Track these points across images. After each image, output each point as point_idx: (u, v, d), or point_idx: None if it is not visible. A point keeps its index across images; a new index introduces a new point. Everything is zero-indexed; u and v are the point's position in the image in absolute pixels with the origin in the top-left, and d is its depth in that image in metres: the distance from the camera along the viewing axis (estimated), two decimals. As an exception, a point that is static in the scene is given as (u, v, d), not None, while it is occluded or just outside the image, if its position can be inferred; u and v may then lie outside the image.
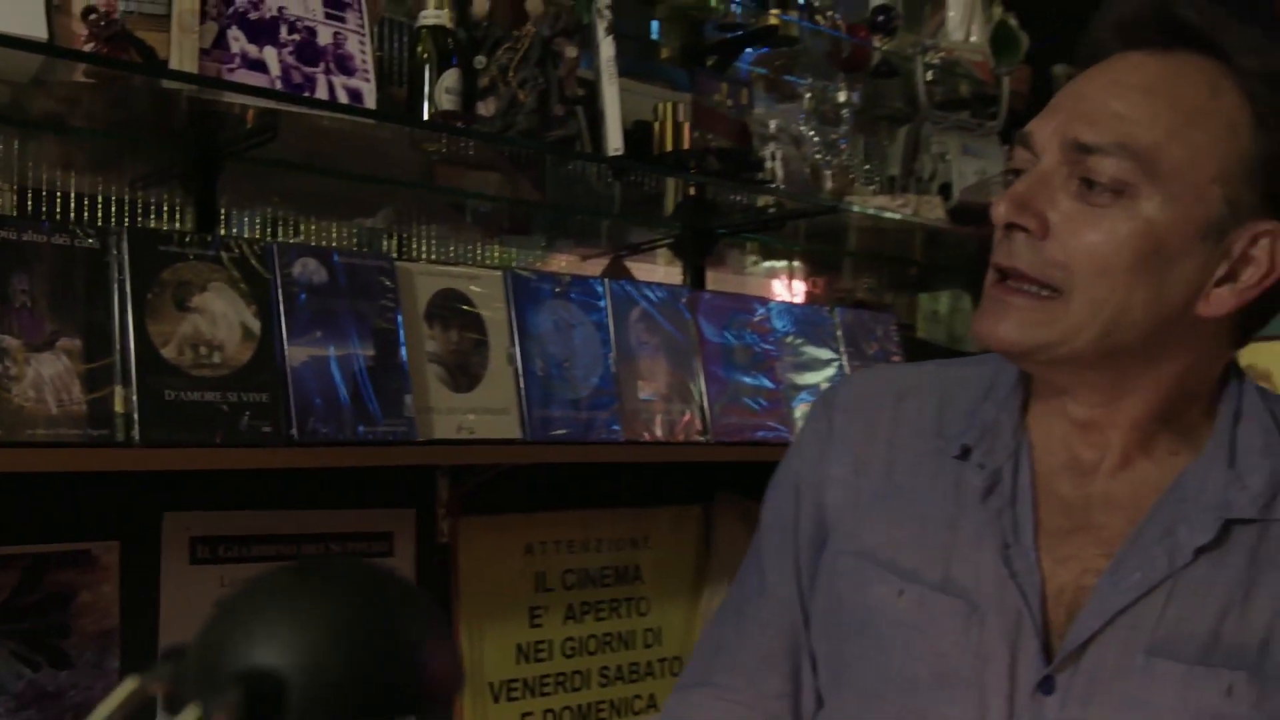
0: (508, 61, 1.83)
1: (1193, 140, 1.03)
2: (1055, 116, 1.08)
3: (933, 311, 2.85)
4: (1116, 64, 1.08)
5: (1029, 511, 1.11)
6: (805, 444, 1.29)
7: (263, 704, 0.48)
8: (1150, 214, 1.02)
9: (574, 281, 1.97)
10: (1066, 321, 1.05)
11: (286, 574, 0.53)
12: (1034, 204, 1.05)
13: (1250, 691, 1.02)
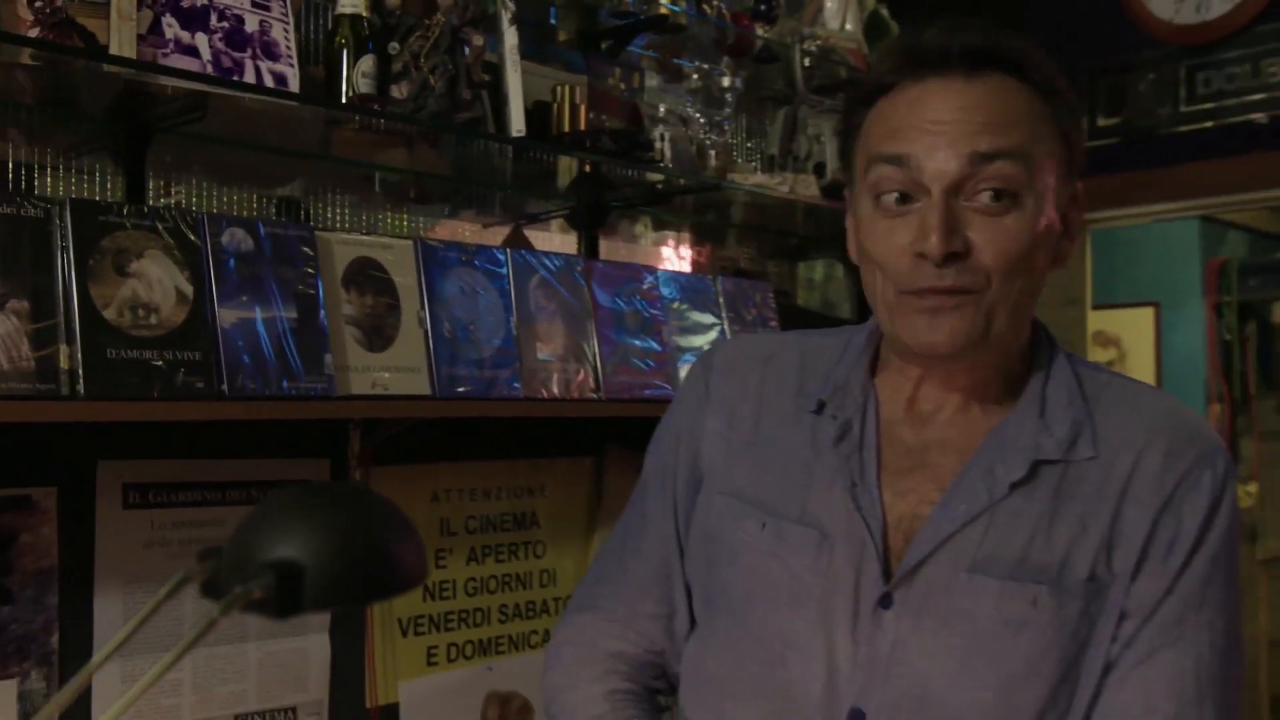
0: (419, 48, 1.99)
1: (1039, 136, 1.23)
2: (936, 139, 1.22)
3: (809, 279, 3.08)
4: (945, 88, 1.23)
5: (873, 455, 1.31)
6: (685, 401, 1.49)
7: (288, 584, 0.66)
8: (1031, 207, 1.22)
9: (478, 250, 2.15)
10: (990, 315, 1.22)
11: (300, 491, 0.72)
12: (958, 229, 1.20)
13: (1051, 602, 1.23)
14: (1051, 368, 1.33)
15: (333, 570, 0.68)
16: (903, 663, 1.25)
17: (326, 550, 0.68)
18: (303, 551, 0.67)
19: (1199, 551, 1.25)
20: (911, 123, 1.24)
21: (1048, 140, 1.25)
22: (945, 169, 1.20)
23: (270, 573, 0.66)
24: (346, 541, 0.69)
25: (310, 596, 0.67)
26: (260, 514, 0.70)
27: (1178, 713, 1.23)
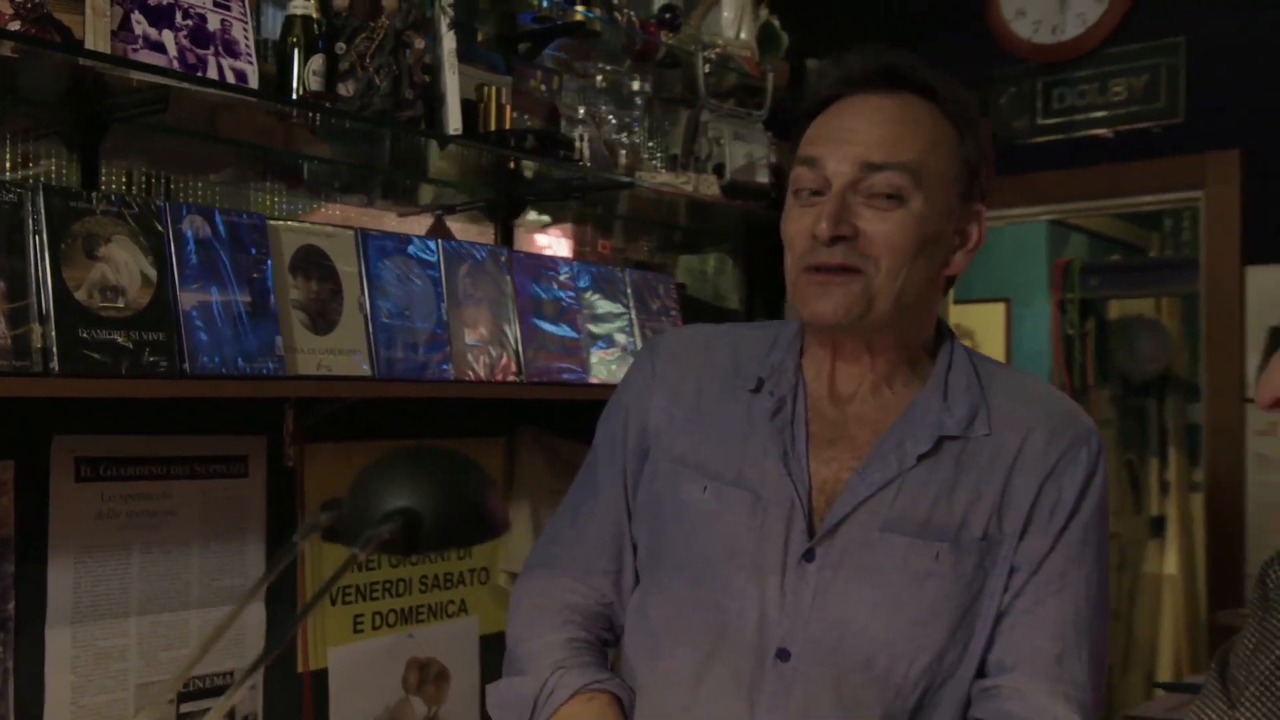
0: (365, 49, 2.12)
1: (936, 155, 1.45)
2: (839, 146, 1.44)
3: (701, 272, 3.28)
4: (862, 104, 1.47)
5: (803, 428, 1.51)
6: (632, 381, 1.67)
7: (411, 529, 0.82)
8: (919, 209, 1.43)
9: (413, 240, 2.29)
10: (873, 293, 1.43)
11: (405, 455, 0.87)
12: (844, 217, 1.42)
13: (951, 556, 1.44)
14: (952, 358, 1.55)
15: (441, 518, 0.84)
16: (823, 608, 1.44)
17: (435, 502, 0.83)
18: (417, 502, 0.83)
19: (1076, 516, 1.48)
20: (826, 132, 1.48)
21: (946, 160, 1.46)
22: (841, 170, 1.42)
23: (399, 518, 0.81)
24: (450, 495, 0.85)
25: (425, 540, 0.83)
26: (374, 472, 0.85)
27: (1061, 652, 1.45)
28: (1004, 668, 1.46)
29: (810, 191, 1.46)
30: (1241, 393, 3.50)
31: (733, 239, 3.31)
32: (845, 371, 1.52)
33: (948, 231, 1.48)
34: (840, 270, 1.43)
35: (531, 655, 1.58)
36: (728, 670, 1.47)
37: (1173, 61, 3.62)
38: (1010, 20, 3.84)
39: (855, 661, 1.44)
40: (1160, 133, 3.61)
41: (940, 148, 1.46)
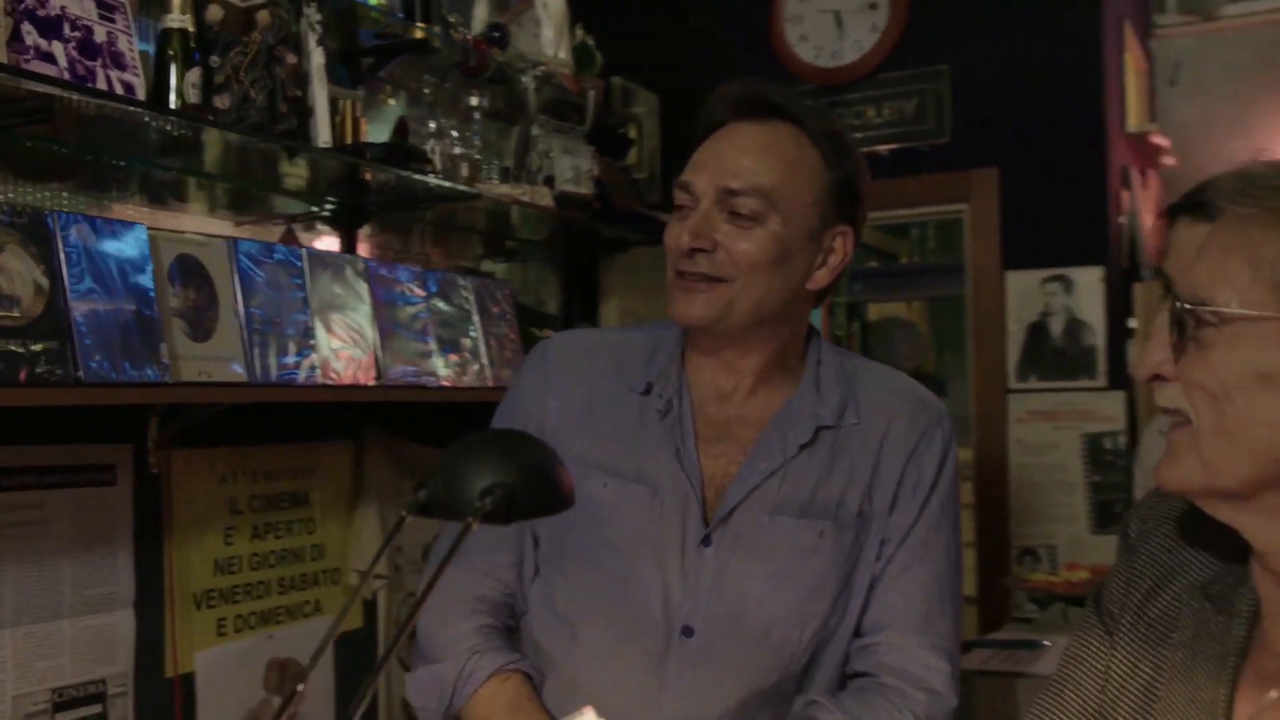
0: (239, 63, 2.18)
1: (796, 180, 1.62)
2: (705, 171, 1.63)
3: (523, 278, 3.43)
4: (735, 131, 1.65)
5: (690, 426, 1.68)
6: (526, 384, 1.80)
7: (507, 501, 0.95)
8: (776, 229, 1.60)
9: (281, 249, 2.35)
10: (732, 301, 1.61)
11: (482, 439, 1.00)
12: (705, 232, 1.61)
13: (833, 533, 1.64)
14: (821, 355, 1.74)
15: (527, 491, 0.97)
16: (722, 587, 1.62)
17: (520, 477, 0.97)
18: (506, 478, 0.96)
19: (935, 491, 1.71)
20: (700, 157, 1.67)
21: (808, 184, 1.63)
22: (706, 191, 1.61)
23: (499, 491, 0.94)
24: (531, 471, 0.98)
25: (518, 509, 0.97)
26: (457, 455, 0.98)
27: (928, 610, 1.67)
28: (880, 626, 1.67)
29: (684, 208, 1.64)
30: (1004, 384, 3.91)
31: (551, 247, 3.47)
32: (724, 374, 1.69)
33: (808, 249, 1.64)
34: (704, 279, 1.61)
35: (446, 644, 1.69)
36: (638, 649, 1.63)
37: (939, 87, 4.01)
38: (794, 45, 4.16)
39: (753, 633, 1.62)
40: (929, 151, 4.00)
41: (802, 173, 1.62)
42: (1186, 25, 4.80)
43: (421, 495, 0.99)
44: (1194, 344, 1.03)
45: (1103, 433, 3.78)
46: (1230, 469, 1.03)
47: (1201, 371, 1.02)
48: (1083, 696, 1.24)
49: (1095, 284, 3.82)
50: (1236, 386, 1.01)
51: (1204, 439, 1.03)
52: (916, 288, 5.01)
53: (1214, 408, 1.02)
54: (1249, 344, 1.00)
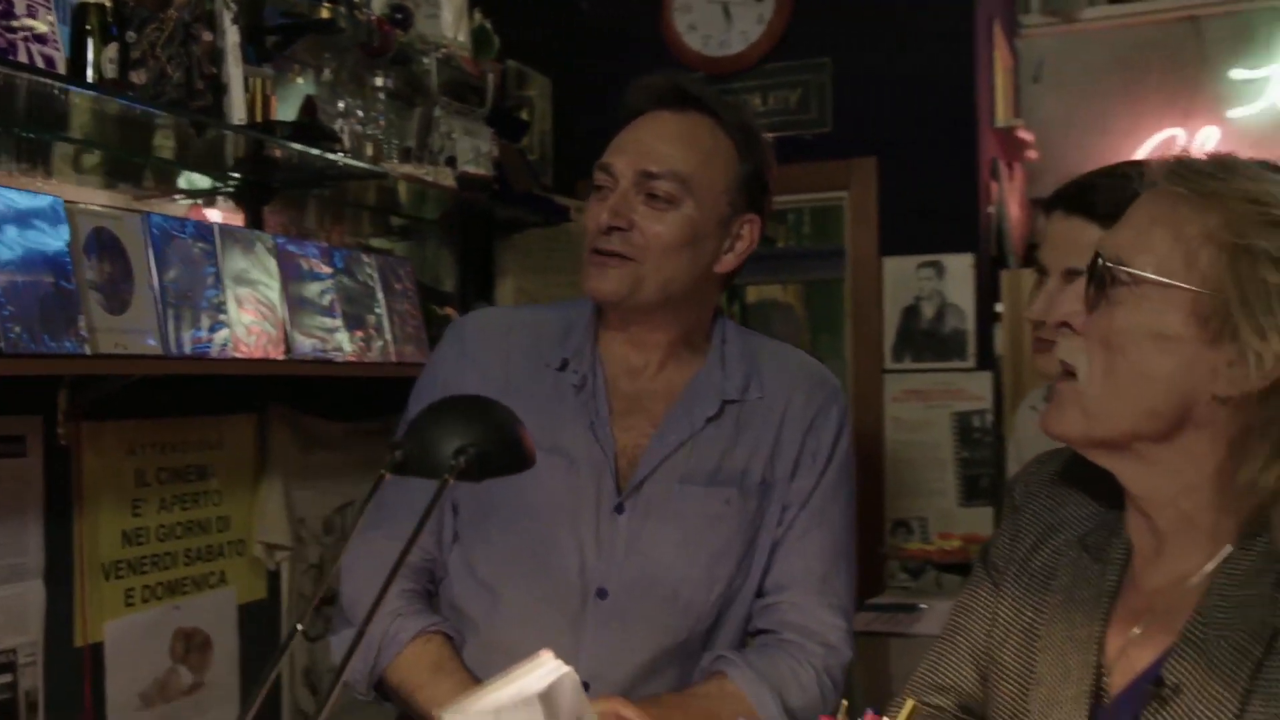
0: (155, 39, 2.20)
1: (710, 168, 1.71)
2: (626, 154, 1.71)
3: (420, 257, 3.48)
4: (655, 119, 1.74)
5: (604, 400, 1.77)
6: (445, 358, 1.85)
7: (478, 460, 1.03)
8: (689, 214, 1.69)
9: (194, 224, 2.38)
10: (642, 279, 1.69)
11: (452, 403, 1.08)
12: (622, 212, 1.69)
13: (738, 500, 1.74)
14: (726, 335, 1.84)
15: (495, 451, 1.06)
16: (634, 552, 1.71)
17: (488, 439, 1.06)
18: (475, 440, 1.05)
19: (832, 461, 1.83)
20: (620, 142, 1.76)
21: (721, 172, 1.72)
22: (625, 173, 1.70)
23: (471, 451, 1.03)
24: (498, 432, 1.07)
25: (488, 467, 1.05)
26: (428, 419, 1.07)
27: (825, 571, 1.79)
28: (781, 587, 1.78)
29: (604, 189, 1.73)
30: (880, 364, 4.10)
31: (447, 227, 3.53)
32: (634, 350, 1.78)
33: (717, 234, 1.73)
34: (615, 256, 1.70)
35: (368, 607, 1.77)
36: (556, 610, 1.71)
37: (821, 79, 4.17)
38: (684, 33, 4.27)
39: (664, 594, 1.72)
40: (813, 140, 4.15)
41: (716, 161, 1.72)
42: (1049, 26, 5.05)
43: (398, 455, 1.07)
44: (1105, 300, 1.15)
45: (971, 411, 3.99)
46: (1112, 419, 1.16)
47: (1106, 324, 1.15)
48: (972, 640, 1.38)
49: (966, 270, 4.03)
50: (1132, 342, 1.13)
51: (1090, 391, 1.16)
52: (794, 271, 5.18)
53: (1107, 359, 1.15)
54: (1153, 306, 1.13)
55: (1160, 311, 1.13)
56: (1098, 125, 4.83)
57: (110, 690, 2.40)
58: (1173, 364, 1.13)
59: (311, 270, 2.69)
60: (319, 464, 2.93)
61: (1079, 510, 1.34)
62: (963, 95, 4.08)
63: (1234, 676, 1.08)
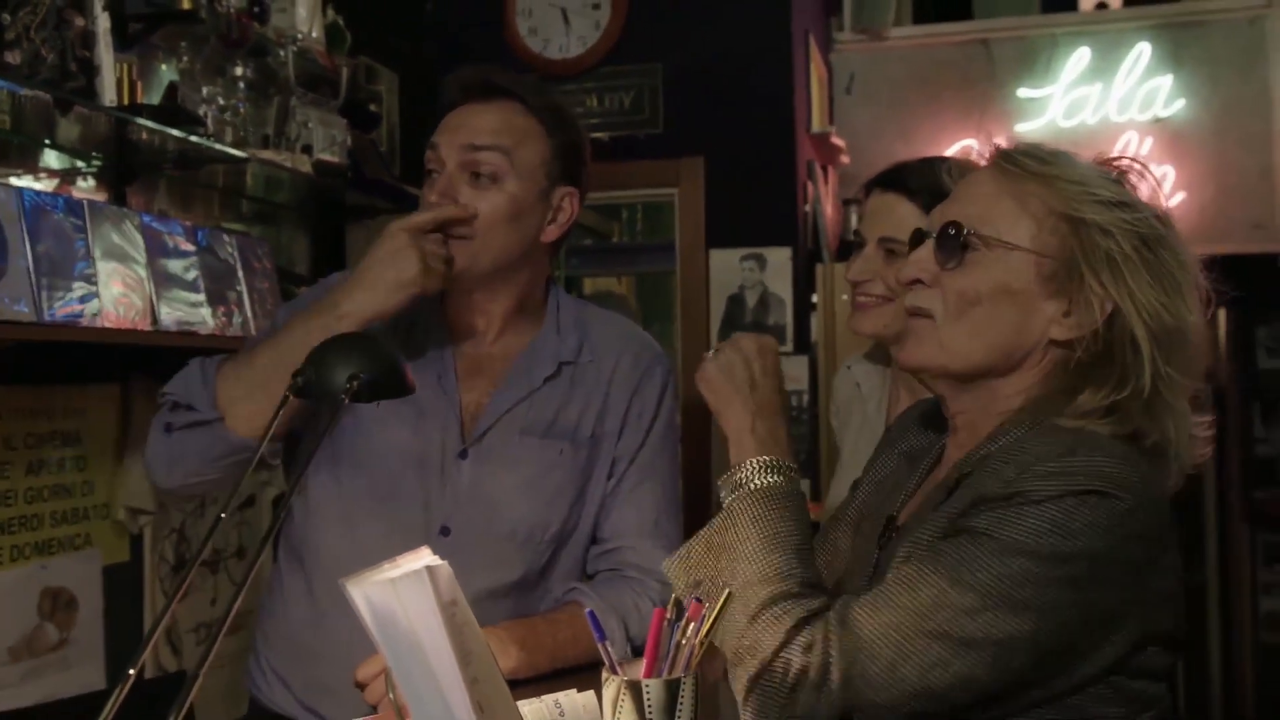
0: (30, 22, 2.26)
1: (525, 146, 1.85)
2: (452, 134, 1.85)
3: (276, 240, 3.56)
4: (469, 109, 1.87)
5: (450, 359, 1.91)
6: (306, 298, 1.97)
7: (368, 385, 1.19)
8: (512, 190, 1.84)
9: (66, 200, 2.44)
10: (475, 254, 1.83)
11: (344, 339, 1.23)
12: (449, 192, 1.83)
13: (570, 451, 1.91)
14: (560, 302, 2.01)
15: (381, 378, 1.21)
16: (476, 494, 1.86)
17: (375, 368, 1.21)
18: (364, 368, 1.20)
19: (658, 418, 2.00)
20: (444, 125, 1.90)
21: (535, 150, 1.86)
22: (449, 154, 1.84)
23: (362, 377, 1.18)
24: (383, 362, 1.22)
25: (378, 390, 1.20)
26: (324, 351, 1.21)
27: (657, 517, 1.96)
28: (619, 533, 1.95)
29: (433, 172, 1.87)
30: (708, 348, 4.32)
31: (300, 212, 3.62)
32: (477, 316, 1.93)
33: (539, 207, 1.88)
34: (449, 239, 1.82)
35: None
36: (403, 546, 1.85)
37: (653, 83, 4.39)
38: (525, 36, 4.44)
39: (502, 533, 1.87)
40: (645, 139, 4.37)
41: (530, 140, 1.86)
42: (859, 42, 5.39)
43: (299, 381, 1.21)
44: (957, 260, 1.36)
45: (790, 391, 4.25)
46: (968, 356, 1.38)
47: (962, 281, 1.36)
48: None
49: (785, 262, 4.30)
50: (987, 295, 1.36)
51: (946, 330, 1.37)
52: (628, 264, 5.39)
53: (963, 309, 1.37)
54: (1005, 266, 1.35)
55: (1011, 270, 1.35)
56: (902, 135, 5.17)
57: (-21, 644, 2.44)
58: (1018, 312, 1.36)
59: (176, 247, 2.77)
60: (180, 433, 3.00)
61: (920, 436, 1.59)
62: (782, 102, 4.36)
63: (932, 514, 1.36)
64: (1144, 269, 1.34)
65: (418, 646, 1.06)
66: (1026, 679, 1.24)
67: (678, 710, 1.25)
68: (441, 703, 1.07)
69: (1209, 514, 6.32)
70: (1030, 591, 1.21)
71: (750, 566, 1.30)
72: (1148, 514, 1.26)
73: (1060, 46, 5.19)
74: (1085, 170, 1.38)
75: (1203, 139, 5.04)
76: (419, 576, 1.05)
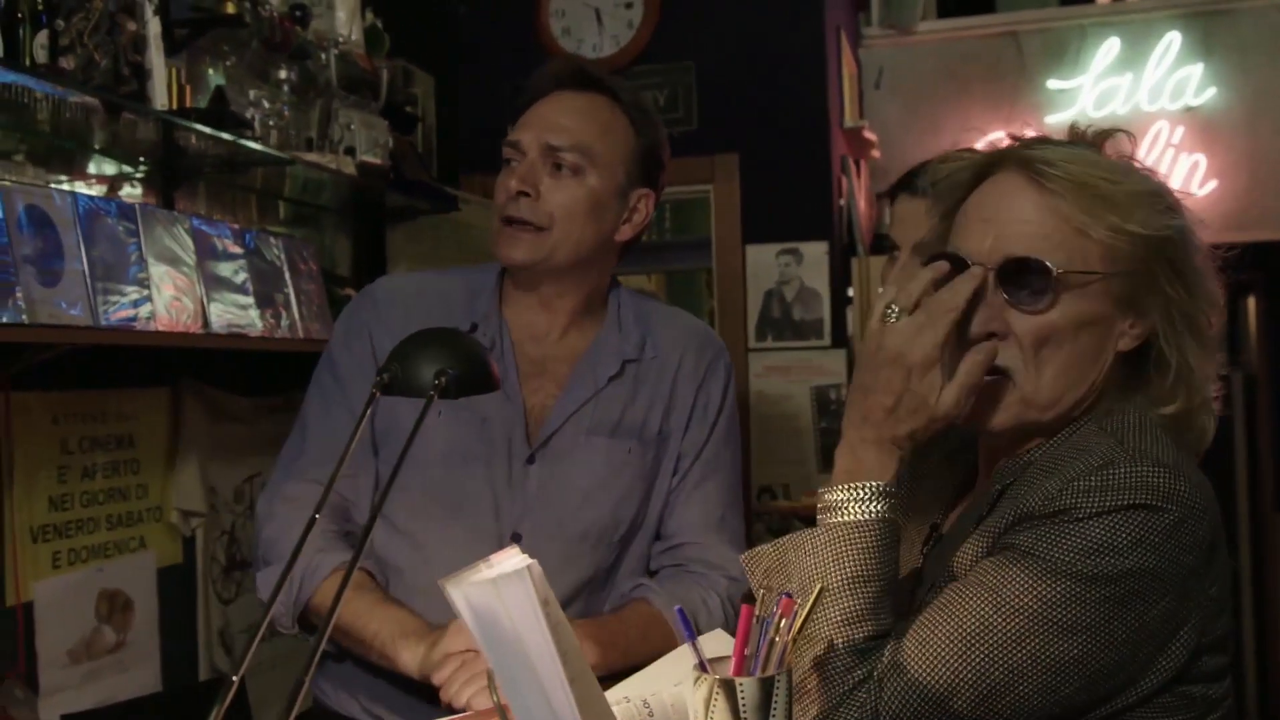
0: (83, 28, 2.24)
1: (609, 141, 1.82)
2: (532, 129, 1.81)
3: (319, 242, 3.54)
4: (558, 98, 1.84)
5: (512, 360, 1.87)
6: (355, 322, 1.89)
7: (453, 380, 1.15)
8: (592, 184, 1.81)
9: (118, 204, 2.42)
10: (552, 246, 1.81)
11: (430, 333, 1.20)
12: (530, 180, 1.80)
13: (639, 450, 1.87)
14: (621, 300, 1.97)
15: (468, 373, 1.18)
16: (546, 499, 1.82)
17: (462, 362, 1.18)
18: (451, 364, 1.17)
19: (722, 413, 1.97)
20: (528, 119, 1.85)
21: (619, 148, 1.83)
22: (531, 147, 1.81)
23: (449, 373, 1.15)
24: (469, 358, 1.19)
25: (462, 387, 1.17)
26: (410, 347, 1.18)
27: (722, 513, 1.92)
28: (684, 528, 1.90)
29: (511, 162, 1.83)
30: (745, 344, 4.30)
31: (342, 214, 3.60)
32: (542, 314, 1.88)
33: (616, 205, 1.84)
34: (527, 226, 1.80)
35: (292, 546, 1.83)
36: (473, 554, 1.74)
37: (687, 81, 4.35)
38: (558, 37, 4.40)
39: (573, 536, 1.83)
40: (680, 137, 4.31)
41: (614, 137, 1.82)
42: (888, 37, 5.33)
43: (385, 378, 1.18)
44: (1048, 302, 1.24)
45: (828, 385, 4.22)
46: (1054, 403, 1.27)
47: (1041, 323, 1.24)
48: None
49: (821, 257, 4.25)
50: (1068, 333, 1.25)
51: (1030, 384, 1.26)
52: (657, 262, 5.35)
53: (1045, 353, 1.25)
54: (1080, 296, 1.24)
55: (1088, 298, 1.25)
56: (931, 128, 5.11)
57: (40, 647, 2.42)
58: (1096, 340, 1.27)
59: (225, 250, 2.74)
60: (228, 436, 2.98)
61: (957, 434, 1.52)
62: (815, 97, 4.31)
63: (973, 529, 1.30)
64: (1190, 259, 1.29)
65: (520, 646, 1.03)
66: (1084, 698, 1.20)
67: (773, 708, 1.21)
68: (544, 702, 1.04)
69: (1241, 500, 6.25)
70: (1077, 613, 1.16)
71: (829, 602, 1.23)
72: (1196, 523, 1.20)
73: (1089, 37, 5.13)
74: (1123, 172, 1.29)
75: (1234, 127, 4.97)
76: (520, 576, 1.02)
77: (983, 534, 1.28)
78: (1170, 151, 4.98)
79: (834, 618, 1.22)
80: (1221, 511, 1.31)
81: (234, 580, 2.98)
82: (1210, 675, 1.27)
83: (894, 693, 1.19)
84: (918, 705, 1.19)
